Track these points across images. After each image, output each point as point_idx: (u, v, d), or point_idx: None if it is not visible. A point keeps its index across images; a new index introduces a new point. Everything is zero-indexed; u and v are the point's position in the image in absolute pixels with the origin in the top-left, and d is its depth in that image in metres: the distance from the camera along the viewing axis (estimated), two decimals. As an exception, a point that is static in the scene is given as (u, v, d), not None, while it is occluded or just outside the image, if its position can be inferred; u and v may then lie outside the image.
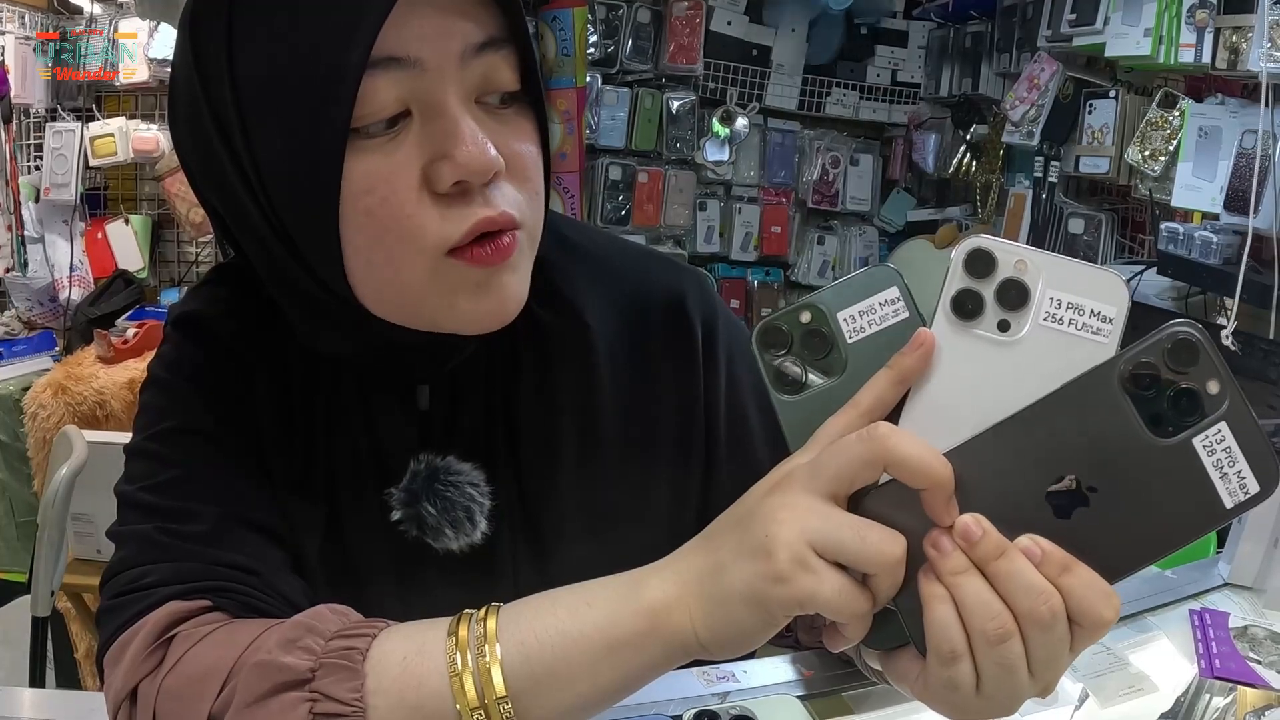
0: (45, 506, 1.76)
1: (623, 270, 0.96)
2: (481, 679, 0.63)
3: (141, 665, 0.69)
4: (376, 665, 0.65)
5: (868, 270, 0.65)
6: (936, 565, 0.58)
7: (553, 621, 0.65)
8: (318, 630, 0.67)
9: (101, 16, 3.55)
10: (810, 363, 0.66)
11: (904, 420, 0.60)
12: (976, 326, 0.60)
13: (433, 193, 0.71)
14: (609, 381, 0.90)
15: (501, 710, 0.63)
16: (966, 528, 0.58)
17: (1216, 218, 2.41)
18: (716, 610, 0.62)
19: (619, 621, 0.64)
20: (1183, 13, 2.44)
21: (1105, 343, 0.58)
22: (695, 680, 0.92)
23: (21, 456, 3.03)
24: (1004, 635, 0.57)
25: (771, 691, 0.92)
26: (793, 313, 0.66)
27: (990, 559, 0.57)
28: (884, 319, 0.65)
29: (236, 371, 0.84)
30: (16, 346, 3.38)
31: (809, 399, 0.65)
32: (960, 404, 0.60)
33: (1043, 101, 2.93)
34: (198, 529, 0.77)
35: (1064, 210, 2.99)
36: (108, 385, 2.80)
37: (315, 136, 0.69)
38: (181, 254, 3.81)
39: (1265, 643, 1.09)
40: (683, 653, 0.64)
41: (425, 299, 0.75)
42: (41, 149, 3.57)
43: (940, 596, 0.58)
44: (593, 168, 3.57)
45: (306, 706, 0.63)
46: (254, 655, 0.66)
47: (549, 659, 0.64)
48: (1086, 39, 2.71)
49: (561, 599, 0.66)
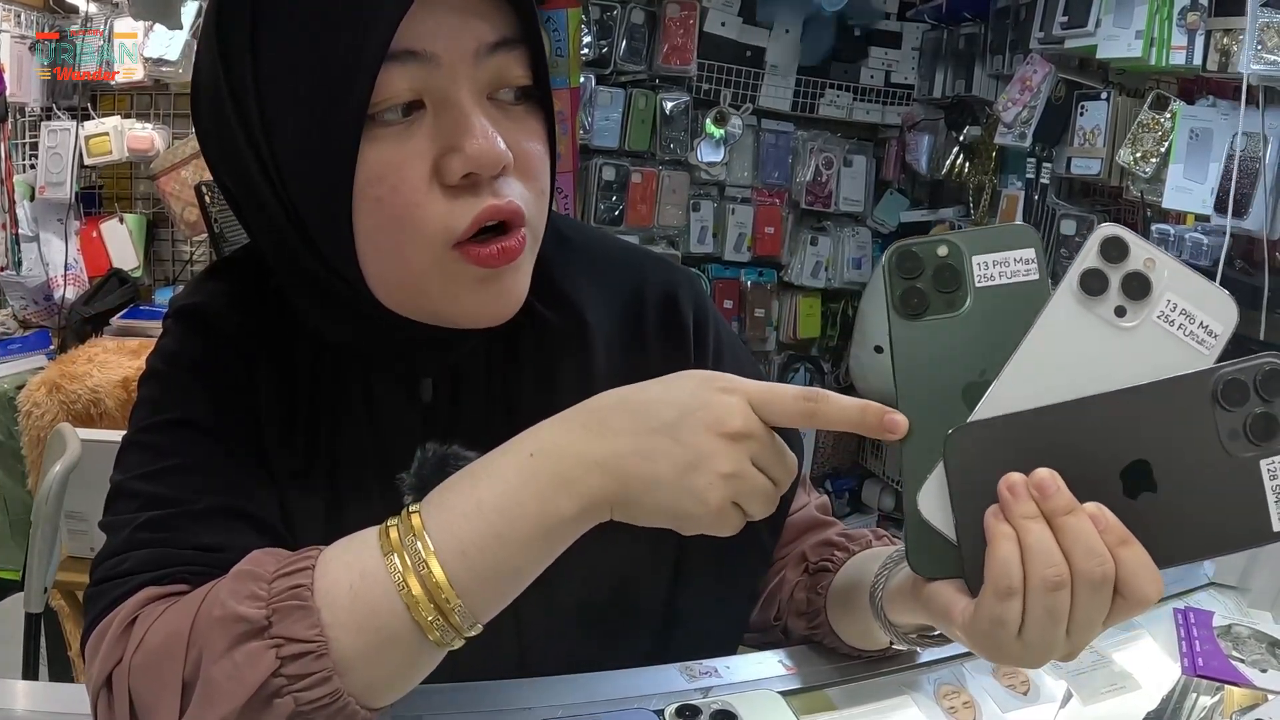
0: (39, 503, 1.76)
1: (619, 268, 0.99)
2: (429, 585, 0.68)
3: (113, 651, 0.70)
4: (326, 598, 0.67)
5: (1011, 225, 0.70)
6: (1008, 507, 0.63)
7: (484, 526, 0.69)
8: (259, 575, 0.68)
9: (97, 16, 3.55)
10: (934, 293, 0.68)
11: (1006, 370, 0.65)
12: (1097, 305, 0.65)
13: (442, 185, 0.73)
14: (606, 374, 0.92)
15: (457, 606, 0.68)
16: (1043, 480, 0.63)
17: (1207, 219, 2.42)
18: (644, 515, 0.71)
19: (549, 516, 0.70)
20: (1174, 15, 2.45)
21: (1206, 354, 0.64)
22: (677, 675, 0.92)
23: (15, 454, 3.02)
24: (1059, 583, 0.62)
25: (754, 687, 0.92)
26: (931, 244, 0.68)
27: (1060, 513, 0.63)
28: (1014, 274, 0.67)
29: (237, 363, 0.85)
30: (11, 345, 3.38)
31: (923, 326, 0.68)
32: (1061, 370, 0.65)
33: (1035, 103, 2.94)
34: (182, 515, 0.78)
35: (1056, 211, 2.99)
36: (102, 384, 2.80)
37: (332, 122, 0.71)
38: (176, 253, 3.80)
39: (1249, 641, 1.09)
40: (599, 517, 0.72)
41: (430, 290, 0.77)
42: (37, 148, 3.56)
43: (1007, 535, 0.63)
44: (586, 168, 3.57)
45: (272, 653, 0.65)
46: (208, 611, 0.67)
47: (490, 562, 0.69)
48: (1078, 41, 2.72)
49: (486, 499, 0.70)
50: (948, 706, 0.93)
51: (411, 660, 0.70)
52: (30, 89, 3.50)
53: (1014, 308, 0.66)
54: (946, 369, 0.67)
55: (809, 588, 0.98)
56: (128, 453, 0.84)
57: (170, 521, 0.77)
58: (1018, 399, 0.65)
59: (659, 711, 0.87)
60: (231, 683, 0.65)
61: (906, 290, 0.68)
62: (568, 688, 0.89)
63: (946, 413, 0.67)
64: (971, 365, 0.67)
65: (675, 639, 0.97)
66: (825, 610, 0.95)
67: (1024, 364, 0.65)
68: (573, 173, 3.41)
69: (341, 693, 0.67)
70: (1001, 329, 0.66)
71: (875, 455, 3.97)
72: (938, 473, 0.66)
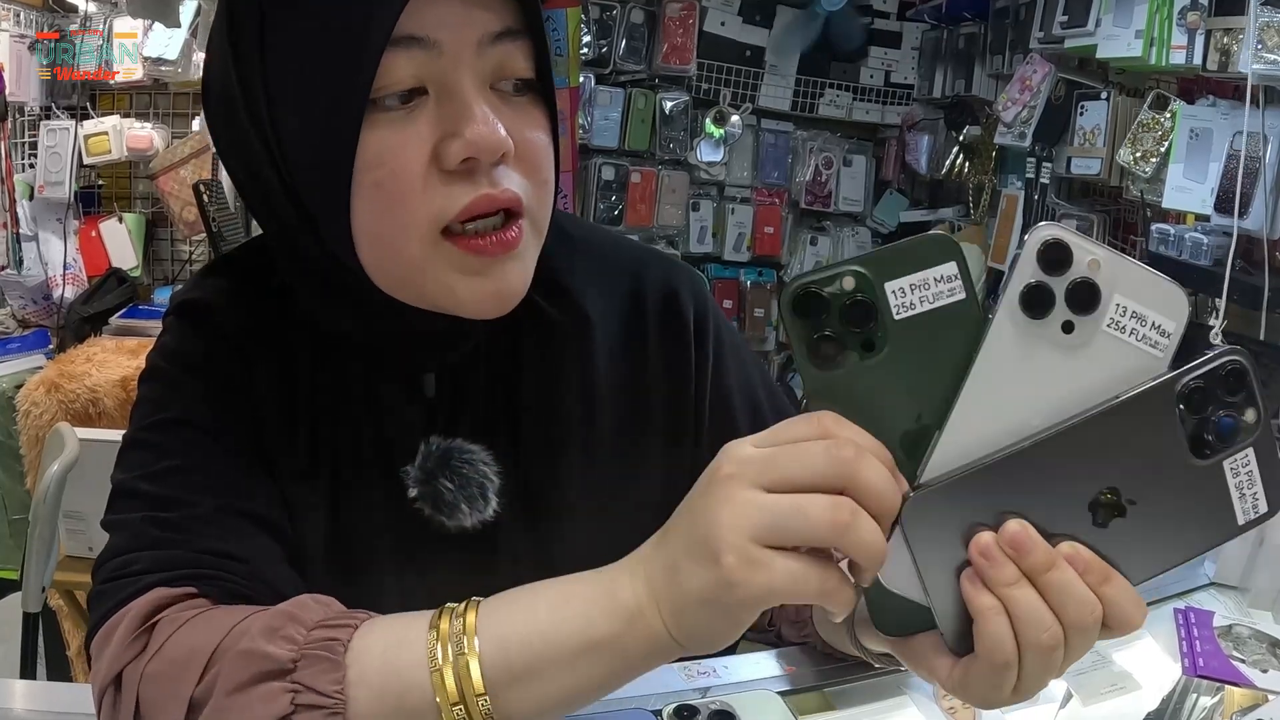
0: (36, 503, 1.76)
1: (621, 265, 0.99)
2: (460, 674, 0.63)
3: (125, 651, 0.69)
4: (358, 657, 0.65)
5: (923, 238, 0.58)
6: (986, 574, 0.59)
7: (532, 619, 0.64)
8: (300, 619, 0.67)
9: (96, 15, 3.55)
10: (848, 335, 0.58)
11: (953, 416, 0.59)
12: (1041, 325, 0.58)
13: (441, 170, 0.73)
14: (607, 369, 0.93)
15: (480, 706, 0.63)
16: (1017, 538, 0.58)
17: (1208, 219, 2.42)
18: (682, 614, 0.61)
19: (595, 623, 0.63)
20: (1174, 14, 2.45)
21: (1160, 357, 0.59)
22: (676, 675, 0.92)
23: (14, 454, 3.02)
24: (1055, 645, 0.59)
25: (752, 687, 0.92)
26: (833, 278, 0.58)
27: (1041, 570, 0.58)
28: (936, 296, 0.58)
29: (238, 359, 0.85)
30: (10, 344, 3.37)
31: (843, 375, 0.59)
32: (1010, 404, 0.59)
33: (1035, 103, 2.94)
34: (189, 518, 0.77)
35: (1056, 211, 2.99)
36: (101, 383, 2.79)
37: (335, 106, 0.72)
38: (175, 253, 3.80)
39: (1249, 642, 1.09)
40: (663, 651, 0.63)
41: (424, 276, 0.77)
42: (36, 147, 3.56)
43: (994, 608, 0.59)
44: (586, 168, 3.57)
45: (289, 697, 0.63)
46: (237, 643, 0.66)
47: (528, 657, 0.63)
48: (1078, 40, 2.72)
49: (541, 595, 0.66)
50: (946, 707, 0.93)
51: None
52: (29, 88, 3.49)
53: (942, 336, 0.59)
54: (877, 418, 0.59)
55: None
56: (129, 452, 0.84)
57: (177, 523, 0.77)
58: (969, 444, 0.59)
59: (657, 711, 0.87)
60: (239, 716, 0.64)
61: (815, 339, 0.59)
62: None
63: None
64: (905, 410, 0.60)
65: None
66: (811, 620, 0.94)
67: (970, 405, 0.59)
68: (572, 172, 3.41)
69: None
70: (931, 364, 0.59)
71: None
72: (896, 543, 0.60)
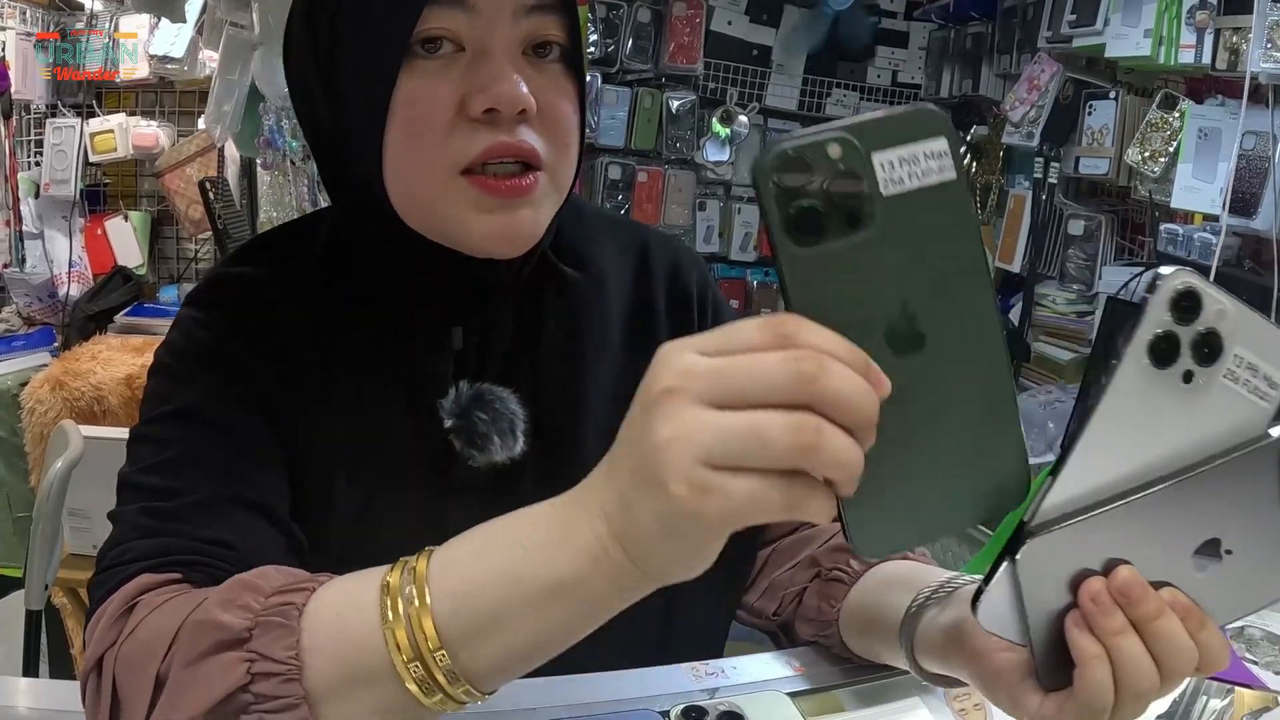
0: (40, 500, 1.75)
1: (631, 237, 1.08)
2: (414, 629, 0.59)
3: (105, 636, 0.70)
4: (311, 621, 0.63)
5: (912, 108, 0.53)
6: (1095, 621, 0.60)
7: (488, 565, 0.59)
8: (258, 588, 0.66)
9: (102, 14, 3.55)
10: (830, 208, 0.52)
11: (1077, 452, 0.60)
12: (1164, 374, 0.58)
13: (467, 119, 0.80)
14: (621, 325, 1.00)
15: (438, 660, 0.59)
16: (1129, 586, 0.59)
17: (1216, 219, 2.41)
18: (644, 549, 0.55)
19: (556, 567, 0.57)
20: (1183, 13, 2.44)
21: (1266, 407, 0.60)
22: (684, 676, 0.92)
23: (19, 451, 3.02)
24: (1153, 691, 0.61)
25: (761, 688, 0.91)
26: (819, 143, 0.51)
27: (1149, 619, 0.60)
28: (925, 174, 0.52)
29: (251, 338, 0.88)
30: (15, 342, 3.38)
31: (823, 254, 0.52)
32: (1127, 446, 0.60)
33: (1043, 102, 2.93)
34: (183, 506, 0.79)
35: (1064, 211, 2.98)
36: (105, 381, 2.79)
37: (380, 49, 0.80)
38: (181, 251, 3.81)
39: (1261, 643, 1.08)
40: (635, 587, 0.57)
41: (441, 210, 0.83)
42: (41, 144, 3.56)
43: (1099, 656, 0.60)
44: (592, 167, 3.56)
45: (245, 666, 0.62)
46: (195, 614, 0.66)
47: (486, 606, 0.59)
48: (1086, 40, 2.71)
49: (496, 540, 0.60)
50: (958, 709, 0.92)
51: (390, 708, 0.62)
52: (35, 85, 3.50)
53: (931, 218, 0.53)
54: (860, 308, 0.53)
55: (821, 595, 0.97)
56: (134, 445, 0.85)
57: (171, 512, 0.78)
58: (1084, 488, 0.60)
59: (665, 713, 0.86)
60: (197, 689, 0.63)
61: (796, 209, 0.51)
62: (573, 688, 0.88)
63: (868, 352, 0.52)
64: (890, 299, 0.53)
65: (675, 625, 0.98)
66: (838, 623, 0.95)
67: (1089, 449, 0.59)
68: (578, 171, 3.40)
69: None
70: (919, 247, 0.53)
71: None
72: (1001, 582, 0.61)
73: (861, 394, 0.50)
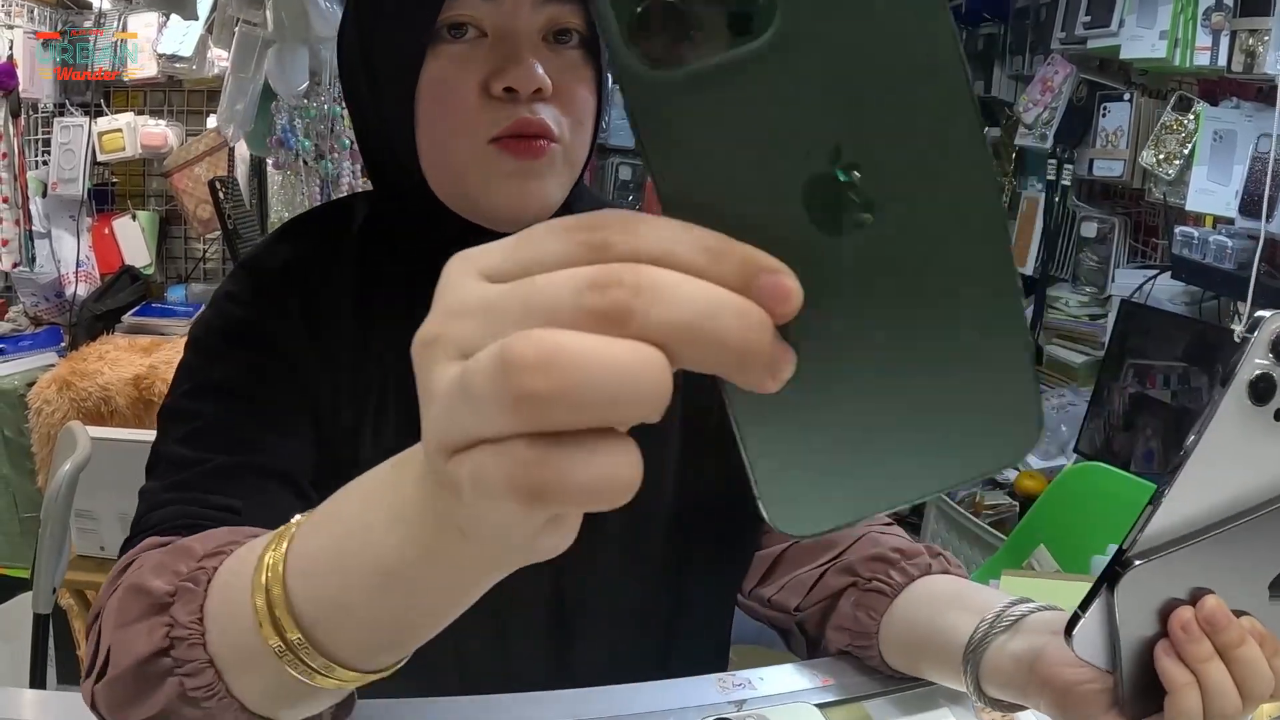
0: (48, 502, 1.74)
1: None
2: (274, 607, 0.53)
3: (102, 596, 0.72)
4: (214, 587, 0.61)
5: None
6: (1185, 649, 0.64)
7: (326, 544, 0.52)
8: (192, 552, 0.64)
9: (110, 13, 3.54)
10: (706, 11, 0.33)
11: (1177, 485, 0.63)
12: (1260, 410, 0.62)
13: (490, 95, 0.85)
14: None
15: (297, 642, 0.53)
16: (1214, 614, 0.64)
17: (1231, 222, 2.39)
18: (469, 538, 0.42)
19: (390, 552, 0.47)
20: (1198, 15, 2.43)
21: None
22: (711, 688, 0.90)
23: (25, 452, 3.02)
24: (1236, 716, 0.65)
25: (789, 699, 0.90)
26: None
27: (1233, 646, 0.64)
28: None
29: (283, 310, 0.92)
30: (22, 342, 3.37)
31: (687, 81, 0.33)
32: (1222, 479, 0.64)
33: (1056, 104, 2.92)
34: (200, 474, 0.83)
35: (1076, 214, 2.97)
36: (113, 381, 2.79)
37: (410, 33, 0.87)
38: (189, 250, 3.80)
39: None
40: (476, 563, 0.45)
41: (469, 178, 0.88)
42: (49, 144, 3.56)
43: (1190, 684, 0.64)
44: (603, 167, 3.55)
45: (164, 631, 0.62)
46: (130, 578, 0.66)
47: (331, 590, 0.52)
48: (1102, 41, 2.69)
49: (337, 514, 0.52)
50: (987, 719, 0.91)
51: (283, 683, 0.55)
52: (43, 84, 3.49)
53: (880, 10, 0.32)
54: (760, 166, 0.33)
55: (859, 605, 0.96)
56: (163, 420, 0.89)
57: (187, 482, 0.82)
58: (1178, 520, 0.63)
59: (691, 724, 0.85)
60: (122, 651, 0.64)
61: (646, 9, 0.32)
62: (600, 700, 0.87)
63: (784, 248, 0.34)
64: (812, 149, 0.33)
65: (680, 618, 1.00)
66: (878, 636, 0.94)
67: (1188, 482, 0.63)
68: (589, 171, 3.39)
69: (220, 690, 0.60)
70: (860, 53, 0.32)
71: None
72: (1098, 611, 0.65)
73: (727, 323, 0.33)
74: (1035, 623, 0.81)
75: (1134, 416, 2.71)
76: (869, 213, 0.33)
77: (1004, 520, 2.88)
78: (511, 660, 0.94)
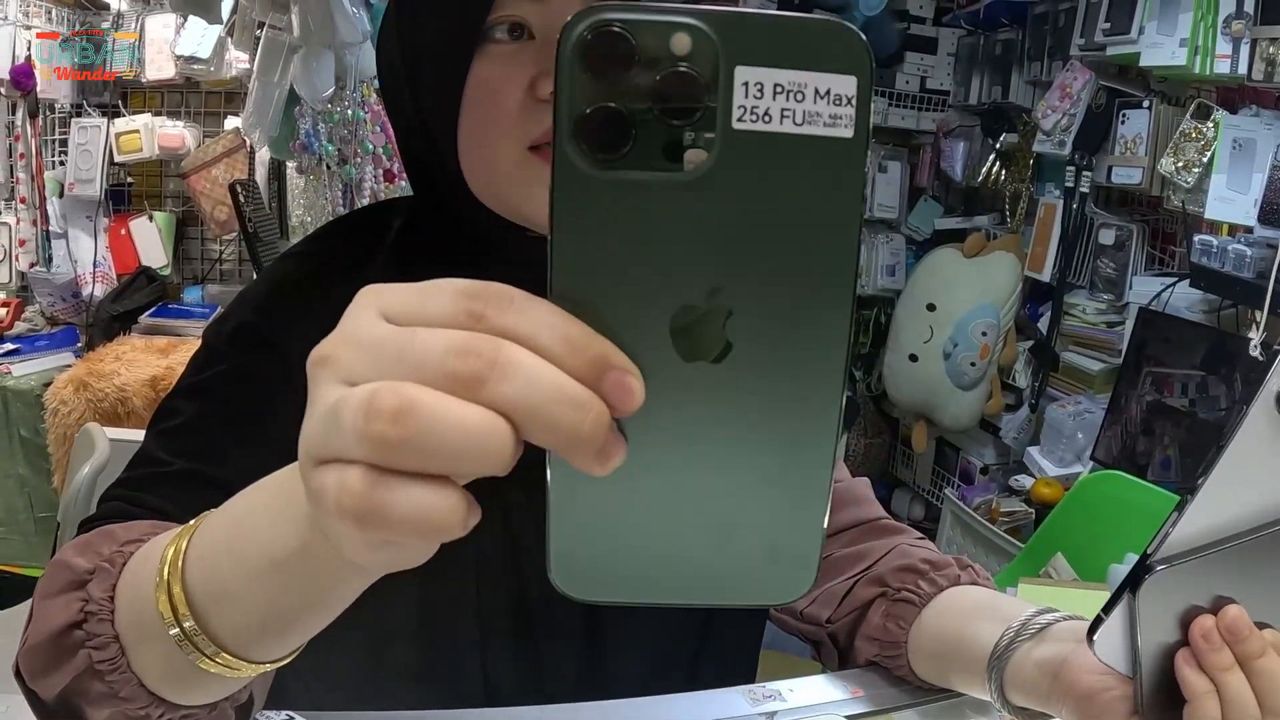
0: (67, 505, 1.75)
1: None
2: (170, 591, 0.57)
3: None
4: (128, 568, 0.65)
5: (825, 21, 0.36)
6: (1205, 658, 0.64)
7: (219, 534, 0.56)
8: (115, 537, 0.68)
9: (129, 14, 3.55)
10: (648, 123, 0.36)
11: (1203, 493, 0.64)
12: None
13: (535, 98, 0.84)
14: None
15: (188, 628, 0.56)
16: (1236, 623, 0.64)
17: (1250, 230, 2.39)
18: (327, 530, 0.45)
19: (275, 541, 0.51)
20: (1218, 23, 2.42)
21: None
22: (740, 699, 0.90)
23: (42, 452, 3.03)
24: None
25: (819, 711, 0.90)
26: (662, 26, 0.35)
27: (1254, 657, 0.64)
28: (809, 118, 0.35)
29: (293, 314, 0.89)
30: (39, 342, 3.39)
31: (617, 185, 0.36)
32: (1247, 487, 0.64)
33: (1075, 111, 2.91)
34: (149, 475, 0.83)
35: (1094, 220, 2.96)
36: (129, 382, 2.80)
37: (456, 34, 0.86)
38: (205, 251, 3.81)
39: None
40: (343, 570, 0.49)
41: (510, 183, 0.87)
42: (66, 144, 3.57)
43: (1210, 693, 0.64)
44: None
45: (80, 605, 0.64)
46: (57, 556, 0.69)
47: (221, 577, 0.55)
48: (1121, 48, 2.68)
49: (235, 505, 0.56)
50: (1016, 732, 0.91)
51: (179, 666, 0.58)
52: (60, 85, 3.50)
53: (793, 185, 0.36)
54: (648, 278, 0.37)
55: (888, 616, 0.96)
56: (156, 414, 0.90)
57: (137, 481, 0.83)
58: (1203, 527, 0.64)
59: (721, 735, 0.85)
60: (45, 620, 0.66)
61: (596, 108, 0.36)
62: (629, 712, 0.87)
63: (643, 356, 0.38)
64: (696, 274, 0.37)
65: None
66: (906, 646, 0.94)
67: (1214, 490, 0.64)
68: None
69: (123, 664, 0.62)
70: (763, 221, 0.36)
71: (906, 465, 3.94)
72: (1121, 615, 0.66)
73: (563, 410, 0.37)
74: (1061, 631, 0.81)
75: (1151, 424, 2.70)
76: (724, 349, 0.38)
77: (1020, 527, 2.87)
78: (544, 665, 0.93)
